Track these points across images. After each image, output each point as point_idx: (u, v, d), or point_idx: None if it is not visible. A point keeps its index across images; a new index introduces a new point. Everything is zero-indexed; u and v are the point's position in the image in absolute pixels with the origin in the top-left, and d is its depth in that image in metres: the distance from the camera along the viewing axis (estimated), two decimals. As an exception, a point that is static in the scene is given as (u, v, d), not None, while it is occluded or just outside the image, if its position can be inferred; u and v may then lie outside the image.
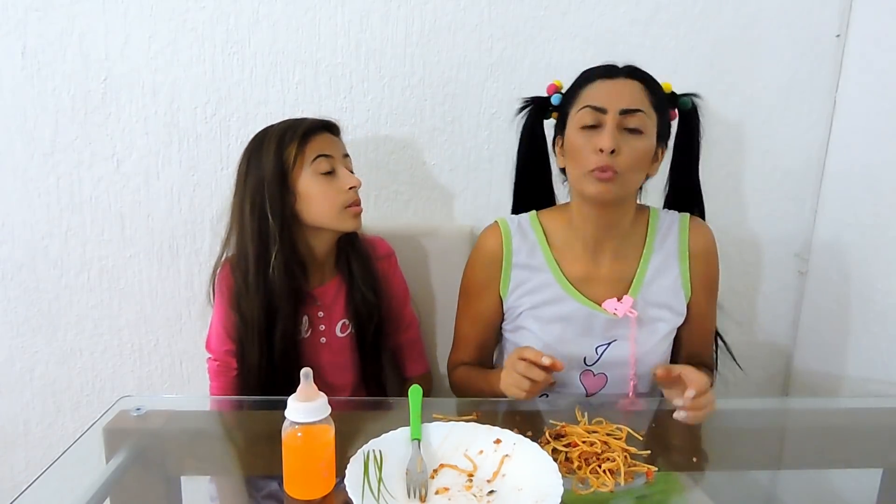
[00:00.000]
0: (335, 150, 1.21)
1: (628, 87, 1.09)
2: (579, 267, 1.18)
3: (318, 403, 0.83)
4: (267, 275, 1.18)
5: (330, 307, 1.28)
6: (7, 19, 1.35)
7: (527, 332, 1.19)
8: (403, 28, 1.43)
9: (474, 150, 1.51)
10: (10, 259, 1.47)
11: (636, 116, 1.07)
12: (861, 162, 1.48)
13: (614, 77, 1.11)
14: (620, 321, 1.15)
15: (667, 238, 1.21)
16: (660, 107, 1.12)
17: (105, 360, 1.55)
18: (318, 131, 1.21)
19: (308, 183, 1.17)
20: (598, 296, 1.17)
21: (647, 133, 1.08)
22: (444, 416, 1.01)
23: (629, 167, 1.07)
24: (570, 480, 0.89)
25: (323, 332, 1.27)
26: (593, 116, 1.08)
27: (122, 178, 1.45)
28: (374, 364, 1.33)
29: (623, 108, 1.06)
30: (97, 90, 1.40)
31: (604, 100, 1.08)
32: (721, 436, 1.10)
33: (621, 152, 1.06)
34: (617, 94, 1.08)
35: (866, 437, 1.12)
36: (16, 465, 1.59)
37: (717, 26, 1.48)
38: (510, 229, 1.21)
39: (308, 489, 0.84)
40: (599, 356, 1.17)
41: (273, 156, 1.17)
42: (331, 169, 1.19)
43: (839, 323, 1.52)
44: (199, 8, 1.38)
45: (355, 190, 1.20)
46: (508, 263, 1.20)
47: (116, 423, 1.03)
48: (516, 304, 1.20)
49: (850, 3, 1.48)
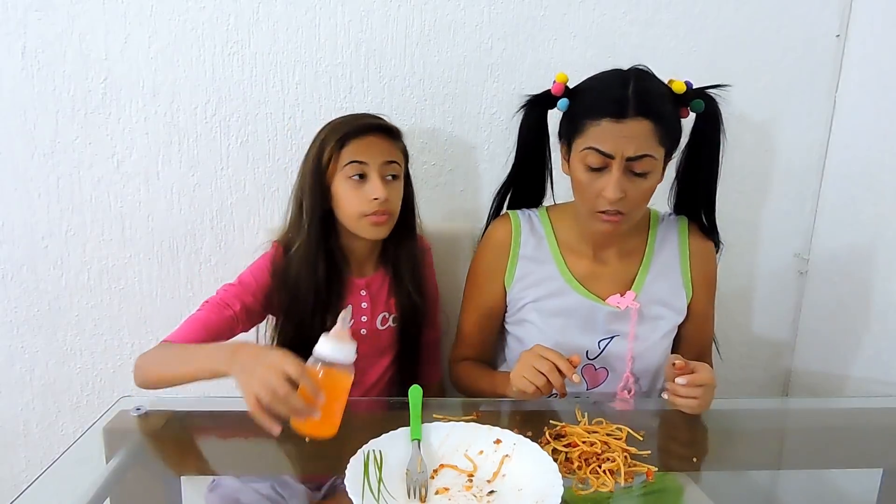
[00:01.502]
0: (374, 157, 1.18)
1: (636, 130, 1.04)
2: (584, 263, 1.20)
3: (347, 348, 0.85)
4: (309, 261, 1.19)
5: (374, 299, 1.28)
6: (7, 19, 1.35)
7: (529, 324, 1.20)
8: (403, 28, 1.43)
9: (474, 150, 1.51)
10: (10, 259, 1.47)
11: (643, 162, 1.05)
12: (861, 162, 1.48)
13: (622, 119, 1.04)
14: (622, 316, 1.16)
15: (668, 239, 1.22)
16: (669, 136, 1.08)
17: (105, 360, 1.55)
18: (365, 133, 1.19)
19: (339, 185, 1.19)
20: (600, 291, 1.18)
21: (654, 171, 1.08)
22: (444, 416, 1.01)
23: (635, 206, 1.09)
24: (570, 480, 0.90)
25: (364, 323, 1.27)
26: (599, 160, 1.06)
27: (122, 178, 1.45)
28: (413, 361, 1.32)
29: (629, 156, 1.04)
30: (97, 90, 1.40)
31: (610, 145, 1.04)
32: (721, 436, 1.10)
33: (627, 195, 1.06)
34: (625, 141, 1.04)
35: (866, 437, 1.13)
36: (16, 465, 1.59)
37: (717, 26, 1.48)
38: (520, 221, 1.23)
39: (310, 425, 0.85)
40: (601, 350, 1.17)
41: (316, 151, 1.19)
42: (362, 174, 1.18)
43: (839, 323, 1.52)
44: (199, 8, 1.38)
45: (379, 201, 1.17)
46: (515, 254, 1.21)
47: (116, 423, 1.03)
48: (520, 296, 1.21)
49: (850, 3, 1.48)
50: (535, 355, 1.02)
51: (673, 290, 1.21)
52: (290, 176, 1.47)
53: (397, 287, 1.28)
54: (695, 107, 1.13)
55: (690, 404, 1.02)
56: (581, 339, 1.17)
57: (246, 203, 1.49)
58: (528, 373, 1.01)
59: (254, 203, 1.49)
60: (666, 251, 1.22)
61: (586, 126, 1.07)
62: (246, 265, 1.51)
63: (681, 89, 1.11)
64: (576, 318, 1.17)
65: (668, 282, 1.21)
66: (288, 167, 1.47)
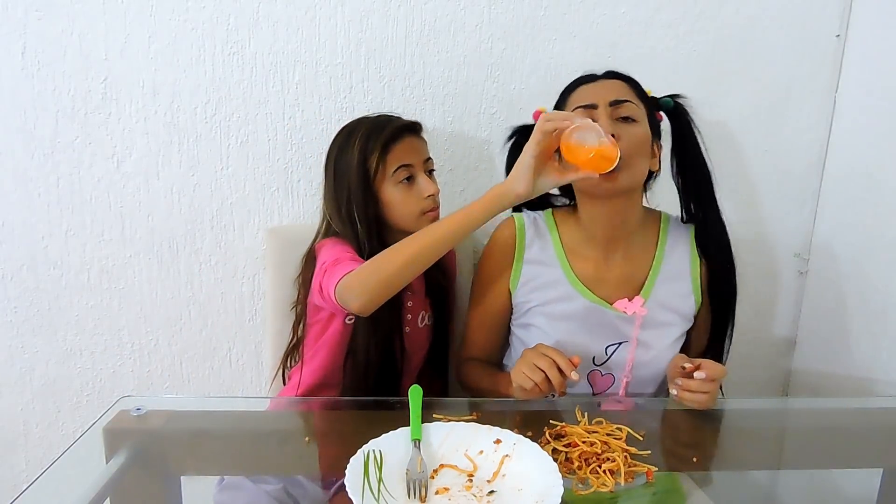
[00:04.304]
0: (416, 157, 1.24)
1: (611, 84, 1.13)
2: (590, 266, 1.18)
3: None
4: None
5: (417, 296, 1.30)
6: (7, 19, 1.35)
7: (536, 329, 1.19)
8: (403, 28, 1.43)
9: (474, 150, 1.51)
10: (10, 259, 1.47)
11: (626, 106, 1.09)
12: (861, 162, 1.48)
13: (595, 80, 1.14)
14: (630, 322, 1.14)
15: (679, 242, 1.21)
16: (645, 100, 1.14)
17: (105, 360, 1.55)
18: (401, 136, 1.23)
19: (390, 191, 1.22)
20: (607, 295, 1.17)
21: (640, 121, 1.10)
22: (444, 416, 1.01)
23: (632, 152, 1.07)
24: (570, 480, 0.89)
25: (409, 321, 1.29)
26: (586, 115, 1.07)
27: (122, 178, 1.45)
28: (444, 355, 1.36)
29: (612, 100, 1.09)
30: (97, 90, 1.40)
31: (591, 97, 1.11)
32: (721, 436, 1.10)
33: (621, 139, 1.05)
34: (603, 90, 1.11)
35: (866, 437, 1.12)
36: (16, 465, 1.59)
37: (717, 26, 1.48)
38: (524, 223, 1.22)
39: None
40: (609, 356, 1.17)
41: (357, 164, 1.20)
42: (410, 176, 1.22)
43: (839, 323, 1.52)
44: (199, 8, 1.38)
45: (433, 197, 1.24)
46: (520, 257, 1.21)
47: (116, 423, 1.02)
48: (525, 300, 1.20)
49: (850, 3, 1.48)
50: (536, 353, 1.03)
51: (682, 295, 1.19)
52: (289, 176, 1.48)
53: (433, 285, 1.32)
54: (664, 104, 1.19)
55: (701, 399, 1.02)
56: (588, 343, 1.16)
57: (246, 203, 1.49)
58: (527, 369, 1.02)
59: (254, 203, 1.49)
60: (677, 254, 1.20)
61: (566, 98, 1.15)
62: (246, 265, 1.52)
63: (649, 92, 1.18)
64: (583, 322, 1.16)
65: (677, 287, 1.19)
66: (288, 167, 1.47)
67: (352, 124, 1.26)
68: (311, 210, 1.47)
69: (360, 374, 1.22)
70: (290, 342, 1.32)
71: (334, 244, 1.22)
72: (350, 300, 1.07)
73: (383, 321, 1.21)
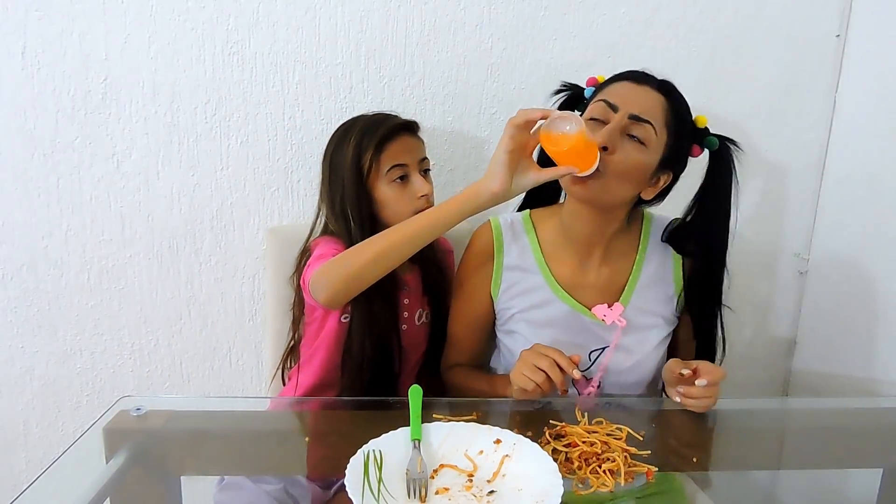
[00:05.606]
0: (410, 156, 1.23)
1: (650, 97, 1.05)
2: (570, 270, 1.16)
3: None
4: None
5: (414, 294, 1.30)
6: (7, 19, 1.35)
7: (520, 336, 1.17)
8: (403, 28, 1.43)
9: (474, 150, 1.51)
10: (10, 259, 1.47)
11: (643, 126, 1.03)
12: (861, 162, 1.48)
13: (641, 83, 1.06)
14: (611, 328, 1.14)
15: (661, 244, 1.18)
16: (677, 131, 1.06)
17: (105, 360, 1.55)
18: (396, 135, 1.22)
19: (383, 190, 1.22)
20: (588, 300, 1.15)
21: (649, 147, 1.04)
22: (444, 416, 1.01)
23: (616, 172, 1.02)
24: (570, 481, 0.89)
25: (405, 318, 1.29)
26: (603, 111, 1.05)
27: (122, 178, 1.45)
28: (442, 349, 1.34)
29: (633, 114, 1.02)
30: (97, 90, 1.40)
31: (619, 98, 1.04)
32: (721, 436, 1.10)
33: (614, 152, 1.02)
34: (634, 98, 1.04)
35: (866, 437, 1.12)
36: (16, 465, 1.59)
37: (717, 26, 1.48)
38: (501, 229, 1.20)
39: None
40: (592, 362, 1.16)
41: (351, 161, 1.21)
42: (404, 175, 1.22)
43: (839, 323, 1.52)
44: (199, 8, 1.38)
45: (427, 197, 1.23)
46: (500, 264, 1.19)
47: (116, 423, 1.02)
48: (508, 306, 1.19)
49: (850, 3, 1.48)
50: (536, 353, 1.02)
51: (664, 298, 1.18)
52: (289, 176, 1.48)
53: (430, 283, 1.32)
54: (709, 143, 1.12)
55: (706, 404, 1.03)
56: (571, 350, 1.09)
57: (246, 203, 1.49)
58: (527, 370, 1.01)
59: (254, 203, 1.49)
60: (659, 256, 1.18)
61: (607, 85, 1.09)
62: (246, 265, 1.52)
63: (703, 122, 1.11)
64: (565, 328, 1.15)
65: (659, 289, 1.17)
66: (288, 167, 1.47)
67: (349, 121, 1.27)
68: (312, 210, 1.45)
69: (356, 372, 1.22)
70: (289, 342, 1.32)
71: (327, 242, 1.22)
72: (318, 292, 1.08)
73: (379, 318, 1.21)
